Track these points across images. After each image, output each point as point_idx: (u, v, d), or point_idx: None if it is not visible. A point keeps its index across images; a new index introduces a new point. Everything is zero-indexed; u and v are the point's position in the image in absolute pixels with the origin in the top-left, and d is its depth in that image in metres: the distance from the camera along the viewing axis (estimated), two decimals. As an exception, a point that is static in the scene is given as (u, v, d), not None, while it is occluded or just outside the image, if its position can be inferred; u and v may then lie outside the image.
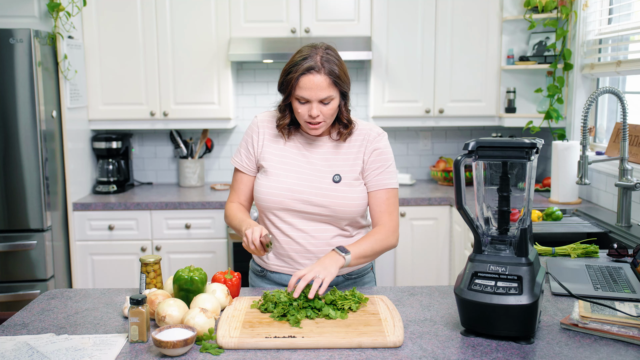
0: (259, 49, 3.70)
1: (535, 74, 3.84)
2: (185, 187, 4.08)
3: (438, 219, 3.66)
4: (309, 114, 1.90)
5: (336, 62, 1.92)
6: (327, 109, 1.91)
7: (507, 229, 1.60)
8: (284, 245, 2.01)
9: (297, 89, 1.89)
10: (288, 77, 1.91)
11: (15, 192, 3.28)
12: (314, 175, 1.97)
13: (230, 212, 2.06)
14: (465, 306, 1.54)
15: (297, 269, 2.00)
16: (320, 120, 1.92)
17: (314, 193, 1.95)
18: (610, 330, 1.52)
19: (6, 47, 3.18)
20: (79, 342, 1.54)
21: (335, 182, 1.96)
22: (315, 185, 1.96)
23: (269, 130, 2.04)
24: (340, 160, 2.00)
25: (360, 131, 2.03)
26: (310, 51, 1.90)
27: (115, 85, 3.80)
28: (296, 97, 1.91)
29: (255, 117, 2.09)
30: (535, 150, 1.55)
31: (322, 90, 1.88)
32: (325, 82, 1.88)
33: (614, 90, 2.63)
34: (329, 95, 1.90)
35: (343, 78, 1.94)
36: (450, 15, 3.77)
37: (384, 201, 2.00)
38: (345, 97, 1.97)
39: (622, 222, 2.73)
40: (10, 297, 3.29)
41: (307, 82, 1.88)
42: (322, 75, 1.88)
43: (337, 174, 1.97)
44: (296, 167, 1.99)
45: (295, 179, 1.97)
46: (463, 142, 3.58)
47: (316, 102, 1.89)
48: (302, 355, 1.47)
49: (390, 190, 2.01)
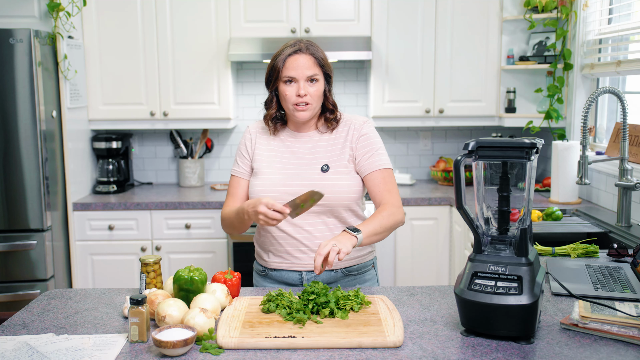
0: (259, 49, 3.70)
1: (535, 74, 3.84)
2: (185, 187, 4.08)
3: (438, 219, 3.66)
4: (297, 93, 1.97)
5: (319, 49, 2.04)
6: (313, 90, 1.99)
7: (507, 229, 1.60)
8: (280, 241, 2.03)
9: (284, 70, 1.98)
10: (274, 64, 2.00)
11: (15, 192, 3.28)
12: (301, 167, 2.02)
13: (226, 213, 2.09)
14: (465, 306, 1.54)
15: (295, 264, 2.03)
16: (308, 101, 1.98)
17: (303, 184, 1.97)
18: (610, 330, 1.52)
19: (6, 47, 3.18)
20: (79, 342, 1.54)
21: (324, 172, 2.00)
22: (303, 177, 2.00)
23: (259, 135, 2.12)
24: (328, 151, 2.04)
25: (345, 122, 2.10)
26: (294, 41, 2.03)
27: (115, 85, 3.80)
28: (283, 80, 1.99)
29: (247, 127, 2.18)
30: (535, 150, 1.55)
31: (308, 68, 1.98)
32: (310, 61, 1.99)
33: (614, 90, 2.63)
34: (314, 73, 1.99)
35: (326, 62, 2.04)
36: (450, 15, 3.77)
37: (381, 181, 2.02)
38: (329, 82, 2.06)
39: (622, 222, 2.73)
40: (10, 297, 3.29)
41: (293, 62, 1.98)
42: (307, 55, 1.99)
43: (325, 164, 2.02)
44: (284, 162, 2.04)
45: (283, 174, 2.02)
46: (463, 142, 3.58)
47: (303, 81, 1.98)
48: (302, 355, 1.47)
49: (384, 170, 2.04)
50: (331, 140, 2.06)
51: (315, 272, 1.76)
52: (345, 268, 2.06)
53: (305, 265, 2.03)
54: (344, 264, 2.05)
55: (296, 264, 2.03)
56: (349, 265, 2.06)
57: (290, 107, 2.01)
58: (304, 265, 2.03)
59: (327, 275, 2.03)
